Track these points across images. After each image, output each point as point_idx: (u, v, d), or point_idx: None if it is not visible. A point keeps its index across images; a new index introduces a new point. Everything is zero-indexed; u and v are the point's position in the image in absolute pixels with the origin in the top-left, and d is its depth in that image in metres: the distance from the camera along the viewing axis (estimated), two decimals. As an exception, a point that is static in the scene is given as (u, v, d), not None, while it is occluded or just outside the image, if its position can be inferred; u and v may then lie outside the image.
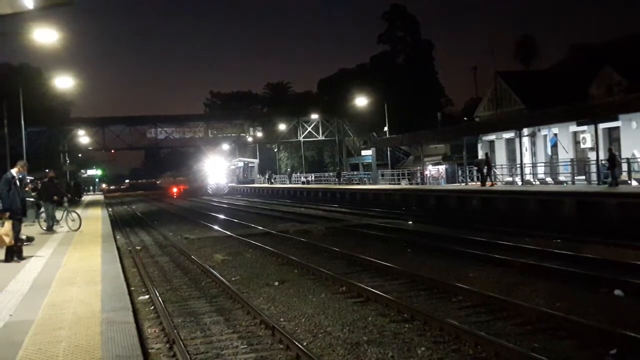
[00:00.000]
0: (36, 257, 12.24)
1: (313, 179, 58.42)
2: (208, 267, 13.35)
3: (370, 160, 52.53)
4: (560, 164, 29.88)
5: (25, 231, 14.59)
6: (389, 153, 48.36)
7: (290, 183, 59.32)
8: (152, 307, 9.63)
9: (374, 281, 10.89)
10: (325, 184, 53.34)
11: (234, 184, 67.65)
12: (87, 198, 54.47)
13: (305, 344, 7.16)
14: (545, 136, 31.40)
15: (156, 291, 10.60)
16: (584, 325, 7.22)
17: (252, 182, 68.63)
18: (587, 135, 27.63)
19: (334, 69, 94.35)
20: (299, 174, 63.79)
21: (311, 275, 11.88)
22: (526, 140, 32.41)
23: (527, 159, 32.01)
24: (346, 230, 20.39)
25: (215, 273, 12.30)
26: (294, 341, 7.05)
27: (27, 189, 17.37)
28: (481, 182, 29.72)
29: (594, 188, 22.73)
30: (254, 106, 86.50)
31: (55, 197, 18.37)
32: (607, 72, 29.72)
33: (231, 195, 59.88)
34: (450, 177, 36.74)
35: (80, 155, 73.50)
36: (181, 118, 65.11)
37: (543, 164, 31.64)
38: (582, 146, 28.48)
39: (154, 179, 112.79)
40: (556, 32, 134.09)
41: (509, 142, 34.96)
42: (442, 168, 39.06)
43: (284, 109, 71.02)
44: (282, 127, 65.67)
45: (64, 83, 28.27)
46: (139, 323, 7.98)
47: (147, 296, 10.56)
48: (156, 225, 26.44)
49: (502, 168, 34.10)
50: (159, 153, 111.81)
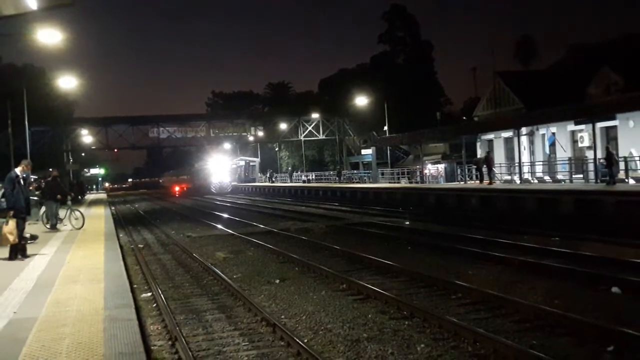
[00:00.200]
0: (40, 255, 12.30)
1: (314, 177, 58.43)
2: (210, 264, 13.42)
3: (371, 159, 52.49)
4: (558, 162, 29.91)
5: (29, 229, 14.67)
6: (388, 152, 48.35)
7: (291, 182, 59.32)
8: (155, 305, 9.69)
9: (374, 279, 10.94)
10: (326, 182, 53.28)
11: (236, 183, 67.73)
12: (91, 197, 54.67)
13: (305, 340, 7.21)
14: (544, 135, 31.38)
15: (158, 289, 10.66)
16: (582, 322, 7.26)
17: (253, 180, 68.71)
18: (584, 134, 27.65)
19: (334, 69, 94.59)
20: (299, 172, 63.81)
21: (312, 273, 11.94)
22: (524, 139, 32.39)
23: (525, 157, 32.00)
24: (347, 228, 20.44)
25: (217, 271, 12.36)
26: (295, 338, 7.10)
27: (31, 187, 17.47)
28: (480, 181, 29.97)
29: (592, 186, 22.73)
30: (255, 106, 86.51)
31: (59, 195, 18.50)
32: (605, 72, 29.74)
33: (233, 194, 59.89)
34: (450, 176, 36.75)
35: (83, 154, 73.69)
36: (183, 118, 65.19)
37: (541, 162, 31.62)
38: (580, 145, 28.50)
39: (157, 177, 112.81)
40: (555, 32, 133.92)
41: (508, 141, 34.95)
42: (441, 167, 39.05)
43: (285, 109, 71.07)
44: (283, 126, 65.76)
45: (67, 83, 28.35)
46: (142, 320, 8.03)
47: (149, 294, 10.62)
48: (158, 224, 26.51)
49: (500, 167, 34.13)
50: (162, 152, 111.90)
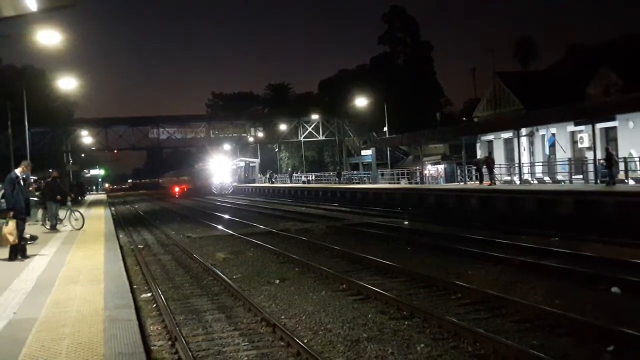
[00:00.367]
0: (40, 255, 12.32)
1: (313, 178, 58.51)
2: (210, 265, 13.44)
3: (370, 160, 52.58)
4: (558, 163, 29.97)
5: (29, 230, 14.68)
6: (388, 153, 48.42)
7: (291, 182, 59.37)
8: (155, 305, 9.70)
9: (374, 279, 10.95)
10: (326, 183, 53.36)
11: (236, 184, 67.80)
12: (91, 197, 54.72)
13: (305, 341, 7.22)
14: (543, 136, 31.46)
15: (158, 289, 10.68)
16: (581, 322, 7.27)
17: (253, 181, 68.78)
18: (584, 135, 27.72)
19: (334, 70, 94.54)
20: (299, 173, 63.89)
21: (312, 274, 11.95)
22: (524, 140, 32.47)
23: (525, 158, 32.08)
24: (346, 229, 20.46)
25: (217, 271, 12.38)
26: (295, 338, 7.11)
27: (30, 188, 17.50)
28: (479, 181, 30.16)
29: (592, 187, 22.77)
30: (255, 107, 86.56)
31: (59, 196, 18.52)
32: (604, 72, 29.80)
33: (233, 195, 59.99)
34: (449, 177, 36.80)
35: (83, 155, 73.75)
36: (183, 118, 65.29)
37: (541, 163, 31.70)
38: (580, 146, 28.57)
39: (157, 178, 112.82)
40: (554, 32, 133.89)
41: (507, 142, 35.02)
42: (441, 167, 39.10)
43: (285, 110, 71.13)
44: (283, 127, 65.87)
45: (67, 84, 28.42)
46: (142, 320, 8.04)
47: (149, 294, 10.63)
48: (158, 224, 26.53)
49: (500, 167, 34.22)
50: (162, 153, 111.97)
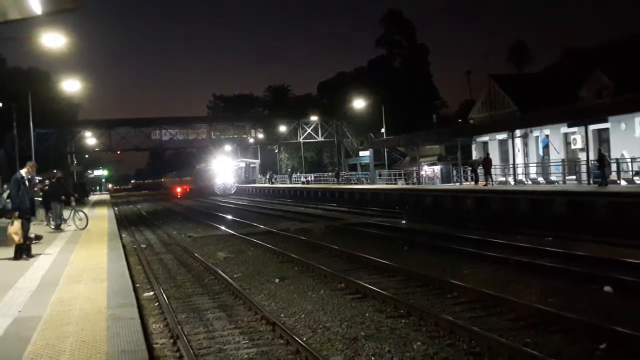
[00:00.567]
0: (44, 255, 12.43)
1: (312, 179, 58.61)
2: (211, 264, 13.58)
3: (368, 161, 52.58)
4: (551, 164, 30.00)
5: (34, 230, 14.84)
6: (386, 154, 48.41)
7: (291, 183, 59.54)
8: (157, 304, 9.82)
9: (372, 278, 11.07)
10: (325, 183, 53.51)
11: (238, 184, 67.91)
12: (94, 198, 54.77)
13: (304, 339, 7.33)
14: (537, 137, 31.53)
15: (160, 288, 10.82)
16: (574, 320, 7.37)
17: (253, 182, 68.87)
18: (577, 137, 27.85)
19: (333, 72, 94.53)
20: (299, 174, 63.97)
21: (311, 273, 12.07)
22: (519, 141, 32.57)
23: (519, 159, 32.20)
24: (345, 228, 20.58)
25: (218, 270, 12.51)
26: (294, 336, 7.22)
27: (35, 189, 17.67)
28: (475, 182, 30.43)
29: (585, 188, 22.81)
30: (255, 108, 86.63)
31: (63, 196, 18.70)
32: (597, 75, 29.81)
33: (234, 195, 60.12)
34: (445, 177, 36.82)
35: (87, 156, 73.86)
36: (185, 120, 65.50)
37: (535, 164, 31.80)
38: (573, 147, 28.69)
39: (159, 179, 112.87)
40: (548, 36, 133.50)
41: (502, 143, 35.10)
42: (437, 168, 39.08)
43: (285, 111, 71.22)
44: (283, 128, 66.08)
45: (71, 86, 28.64)
46: (144, 319, 8.14)
47: (151, 293, 10.75)
48: (161, 224, 26.67)
49: (495, 168, 34.31)
50: (164, 154, 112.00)
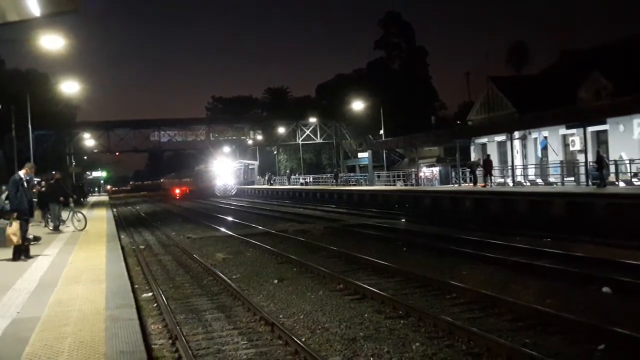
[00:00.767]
0: (43, 256, 12.45)
1: (311, 180, 58.62)
2: (210, 265, 13.58)
3: (367, 162, 52.61)
4: (550, 165, 30.10)
5: (32, 231, 14.81)
6: (384, 155, 48.56)
7: (289, 184, 59.58)
8: (155, 304, 9.82)
9: (371, 279, 11.07)
10: (323, 185, 53.60)
11: (239, 186, 67.94)
12: (93, 199, 54.78)
13: (303, 339, 7.32)
14: (536, 139, 31.57)
15: (159, 289, 10.82)
16: (573, 321, 7.37)
17: (252, 183, 68.93)
18: (576, 138, 27.92)
19: (331, 74, 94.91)
20: (297, 175, 64.03)
21: (309, 274, 12.07)
22: (517, 143, 32.61)
23: (518, 161, 32.27)
24: (344, 230, 20.61)
25: (217, 271, 12.50)
26: (293, 337, 7.22)
27: (34, 190, 17.67)
28: (474, 183, 30.65)
29: (583, 189, 22.84)
30: (254, 110, 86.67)
31: (62, 198, 18.70)
32: (595, 77, 29.84)
33: (233, 197, 60.17)
34: (444, 179, 36.90)
35: (85, 157, 73.92)
36: (184, 121, 65.40)
37: (533, 165, 31.88)
38: (572, 148, 28.77)
39: (158, 180, 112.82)
40: (547, 38, 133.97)
41: (501, 145, 35.17)
42: (435, 170, 39.15)
43: (283, 113, 71.23)
44: (282, 130, 66.12)
45: (70, 88, 28.68)
46: (143, 320, 8.13)
47: (150, 294, 10.75)
48: (159, 225, 26.69)
49: (493, 170, 34.38)
50: (163, 155, 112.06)
